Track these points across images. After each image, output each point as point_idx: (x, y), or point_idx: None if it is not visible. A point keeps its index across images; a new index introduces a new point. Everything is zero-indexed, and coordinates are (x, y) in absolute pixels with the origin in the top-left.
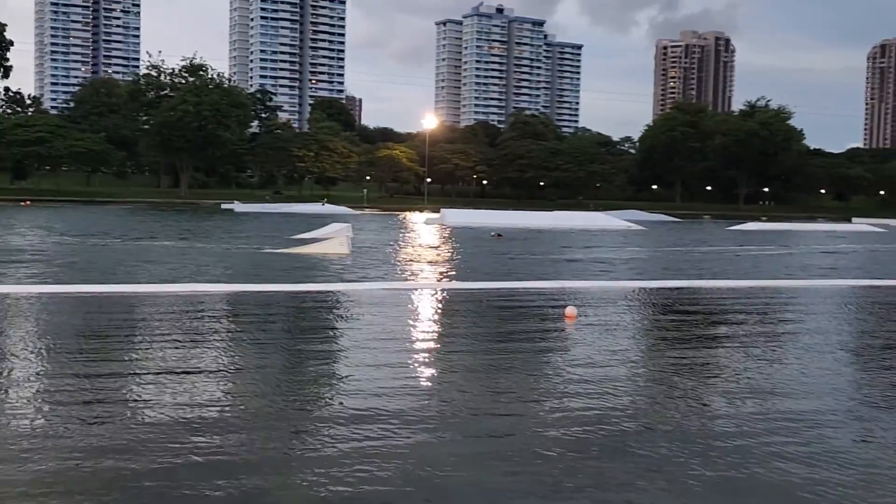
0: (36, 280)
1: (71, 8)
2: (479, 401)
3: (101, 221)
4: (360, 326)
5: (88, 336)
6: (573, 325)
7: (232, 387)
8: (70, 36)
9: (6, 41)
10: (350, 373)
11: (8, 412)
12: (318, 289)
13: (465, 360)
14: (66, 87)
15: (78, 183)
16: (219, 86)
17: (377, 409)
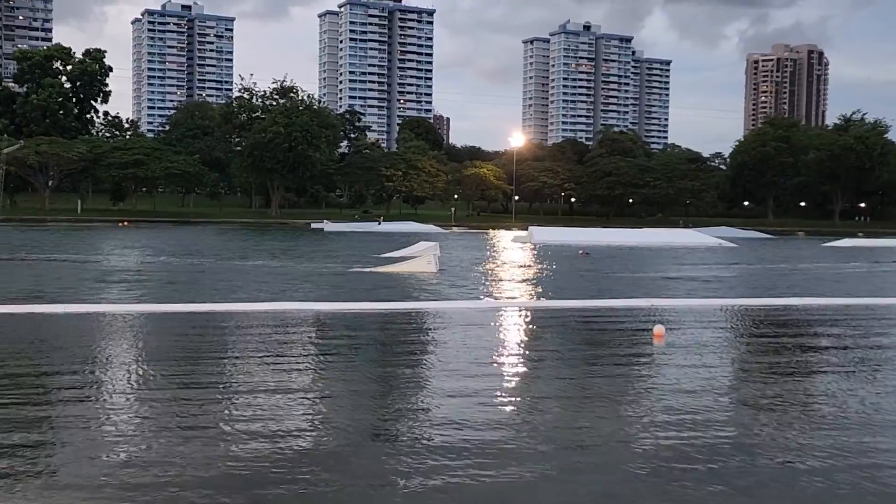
0: (134, 299)
1: (167, 34)
2: (569, 433)
3: (195, 241)
4: (448, 347)
5: (182, 355)
6: (662, 344)
7: (318, 414)
8: (166, 61)
9: (105, 67)
10: (437, 399)
11: (104, 427)
12: (406, 308)
13: (555, 385)
14: (162, 110)
15: (173, 204)
16: (309, 107)
17: (465, 440)
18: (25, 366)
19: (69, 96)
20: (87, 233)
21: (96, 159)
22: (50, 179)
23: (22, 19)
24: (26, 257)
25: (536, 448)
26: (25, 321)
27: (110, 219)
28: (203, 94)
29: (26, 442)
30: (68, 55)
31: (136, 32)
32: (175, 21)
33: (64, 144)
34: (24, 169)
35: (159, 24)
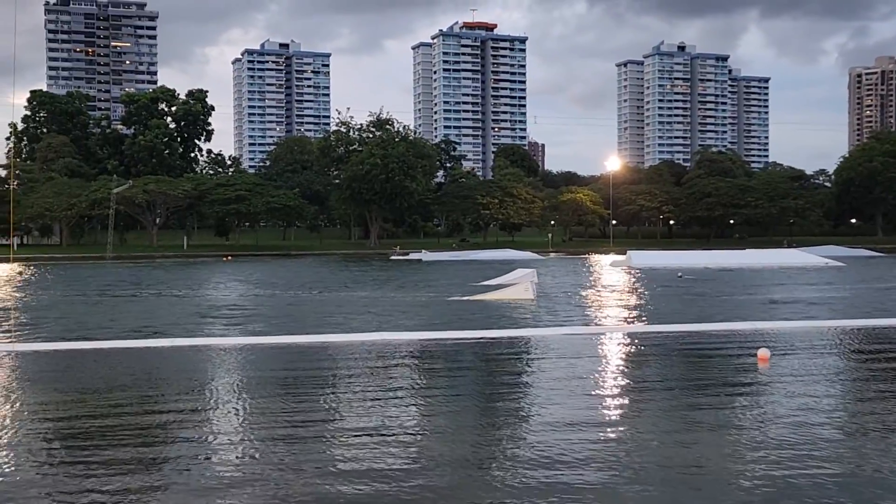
0: (241, 332)
1: (266, 72)
2: (677, 472)
3: (296, 274)
4: (547, 375)
5: (286, 387)
6: (766, 368)
7: (420, 445)
8: (265, 98)
9: (208, 107)
10: (538, 432)
11: (211, 455)
12: (504, 336)
13: (658, 416)
14: (263, 146)
15: (274, 237)
16: (404, 138)
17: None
18: (133, 400)
19: (174, 136)
20: (193, 268)
21: (201, 196)
22: (157, 217)
23: (128, 64)
24: (139, 294)
25: (642, 491)
26: (137, 355)
27: (214, 254)
28: (301, 129)
29: (132, 485)
30: (172, 96)
31: (236, 72)
32: (273, 59)
33: (170, 183)
34: (132, 208)
35: (258, 62)
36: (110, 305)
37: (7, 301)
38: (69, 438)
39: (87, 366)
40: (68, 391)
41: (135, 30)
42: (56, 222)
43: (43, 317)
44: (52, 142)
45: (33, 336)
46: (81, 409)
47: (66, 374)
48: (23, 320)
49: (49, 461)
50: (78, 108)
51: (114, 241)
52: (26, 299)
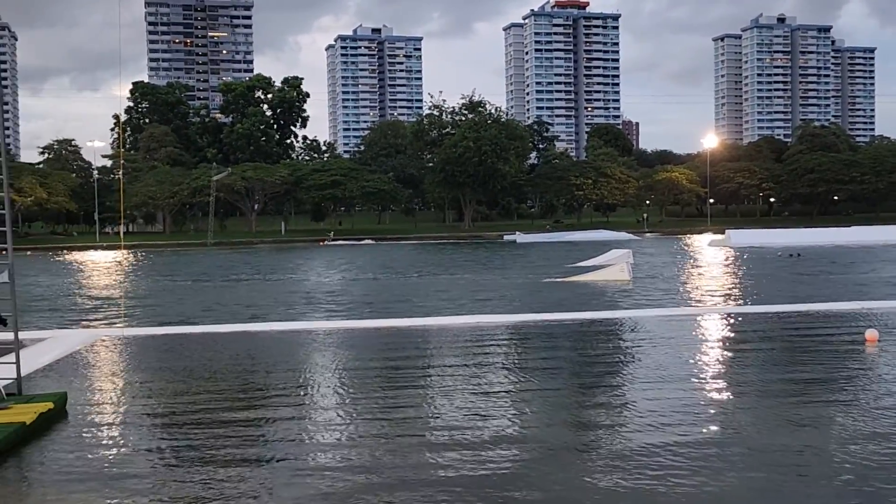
0: (339, 315)
1: (359, 58)
2: (780, 455)
3: (393, 258)
4: (645, 357)
5: (383, 370)
6: (875, 350)
7: (515, 425)
8: (359, 84)
9: (303, 94)
10: (636, 412)
11: (313, 435)
12: (601, 317)
13: (758, 402)
14: (357, 131)
15: (370, 221)
16: (497, 120)
17: (666, 449)
18: (235, 382)
19: (271, 123)
20: (291, 253)
21: (297, 182)
22: (256, 203)
23: (225, 53)
24: (240, 279)
25: (743, 466)
26: (240, 339)
27: (310, 238)
28: (395, 114)
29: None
30: (269, 84)
31: (329, 58)
32: (366, 44)
33: (267, 169)
34: (231, 194)
35: (351, 48)
36: (213, 291)
37: (116, 287)
38: (174, 417)
39: (192, 349)
40: (173, 374)
41: (231, 20)
42: (159, 210)
43: (149, 302)
44: (154, 132)
45: (140, 320)
46: (186, 391)
47: (171, 357)
48: (130, 305)
49: (155, 440)
50: (178, 98)
51: (214, 228)
52: (134, 285)
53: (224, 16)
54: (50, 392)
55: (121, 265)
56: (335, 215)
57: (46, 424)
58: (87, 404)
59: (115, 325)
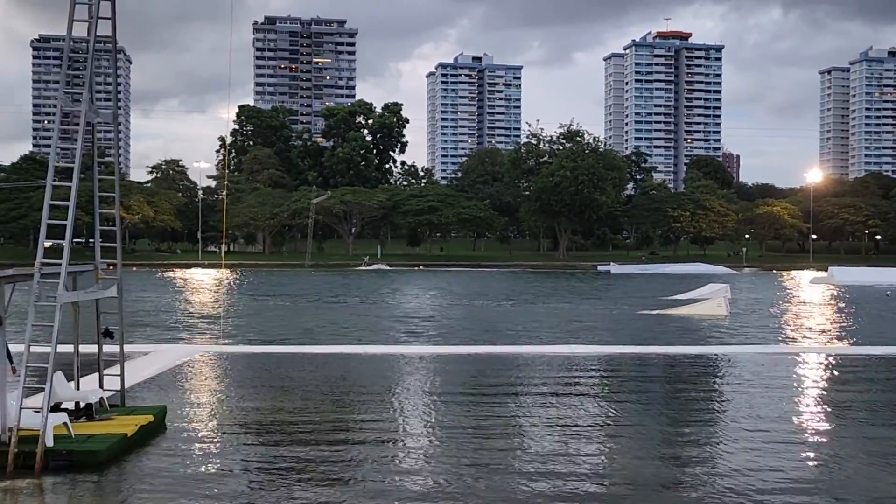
0: (431, 341)
1: (459, 86)
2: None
3: (486, 285)
4: (738, 394)
5: (475, 393)
6: None
7: (602, 456)
8: (458, 111)
9: (402, 120)
10: (725, 451)
11: (400, 455)
12: (695, 352)
13: (861, 443)
14: (455, 158)
15: (464, 248)
16: (594, 150)
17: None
18: (326, 401)
19: (370, 148)
20: (386, 277)
21: (394, 207)
22: (353, 227)
23: (329, 79)
24: (335, 301)
25: None
26: (332, 359)
27: (407, 263)
28: (492, 141)
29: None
30: (369, 110)
31: (430, 85)
32: (466, 72)
33: (365, 194)
34: (330, 217)
35: (452, 75)
36: (309, 312)
37: (216, 304)
38: (267, 436)
39: (287, 368)
40: (268, 392)
41: (335, 46)
42: (259, 231)
43: (247, 321)
44: (258, 154)
45: (239, 338)
46: (279, 409)
47: (267, 375)
48: (230, 323)
49: (247, 457)
50: (281, 121)
51: (312, 250)
52: (233, 304)
53: (329, 42)
54: (150, 405)
55: (221, 283)
56: (431, 240)
57: (147, 436)
58: (184, 418)
59: (214, 341)
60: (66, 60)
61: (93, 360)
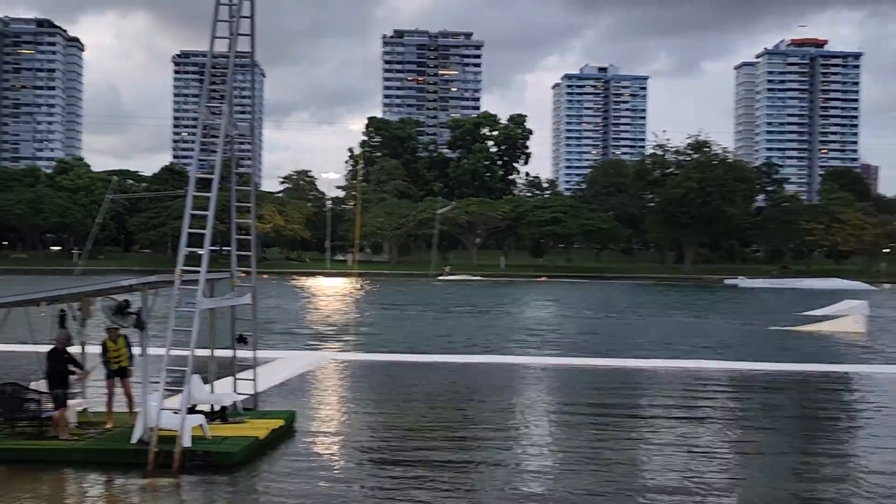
0: (551, 352)
1: (584, 97)
2: None
3: (610, 297)
4: (876, 419)
5: (596, 406)
6: None
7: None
8: (582, 122)
9: (526, 131)
10: (860, 476)
11: (519, 463)
12: (830, 370)
13: None
14: (579, 169)
15: (587, 259)
16: (723, 161)
17: None
18: (453, 414)
19: (495, 159)
20: (509, 287)
21: (518, 218)
22: (477, 237)
23: (455, 91)
24: (457, 311)
25: None
26: (457, 369)
27: (529, 274)
28: (617, 152)
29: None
30: (494, 121)
31: (555, 96)
32: (591, 83)
33: (490, 204)
34: (455, 228)
35: (577, 87)
36: (434, 321)
37: (344, 313)
38: (391, 442)
39: (413, 377)
40: (394, 400)
41: (462, 58)
42: (386, 240)
43: (374, 329)
44: (385, 165)
45: (366, 346)
46: (404, 417)
47: (393, 383)
48: (357, 331)
49: (372, 464)
50: (409, 133)
51: (436, 260)
52: (361, 312)
53: (455, 54)
54: (281, 410)
55: (349, 292)
56: (554, 252)
57: (277, 440)
58: (312, 424)
59: (341, 349)
60: (207, 75)
61: (227, 365)
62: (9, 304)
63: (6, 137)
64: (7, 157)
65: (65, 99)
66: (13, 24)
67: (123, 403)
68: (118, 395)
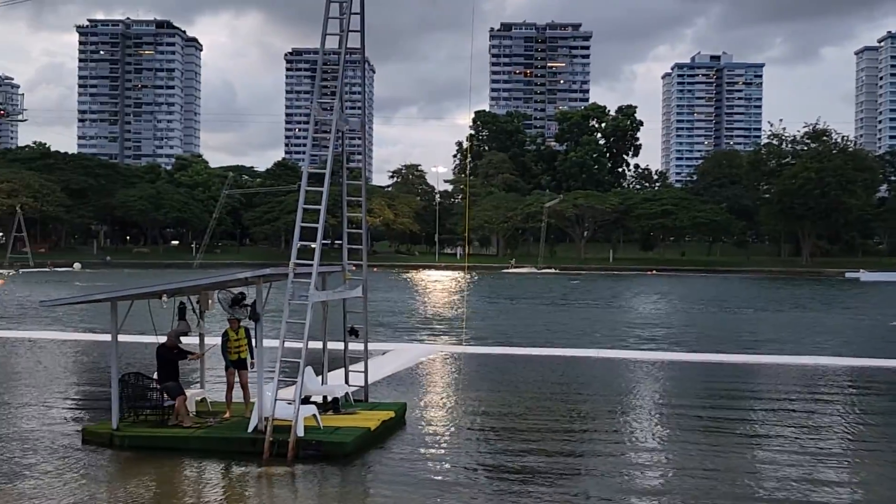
0: (662, 347)
1: (695, 86)
2: None
3: (723, 290)
4: None
5: (706, 401)
6: None
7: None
8: (694, 112)
9: (636, 122)
10: None
11: (632, 472)
12: None
13: None
14: (690, 160)
15: (699, 252)
16: (843, 150)
17: None
18: (562, 407)
19: (603, 152)
20: (618, 281)
21: (627, 210)
22: (585, 230)
23: (563, 83)
24: (568, 304)
25: None
26: (565, 362)
27: (639, 268)
28: (730, 143)
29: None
30: (603, 113)
31: (665, 86)
32: (703, 72)
33: (598, 197)
34: (562, 221)
35: (688, 76)
36: (543, 314)
37: (452, 305)
38: (502, 433)
39: (521, 370)
40: (504, 393)
41: (569, 50)
42: (493, 234)
43: (483, 322)
44: (493, 158)
45: (474, 339)
46: (514, 410)
47: (502, 376)
48: (465, 324)
49: (482, 455)
50: (516, 126)
51: (544, 253)
52: (469, 304)
53: (563, 46)
54: (391, 401)
55: (458, 285)
56: (664, 245)
57: (387, 431)
58: (422, 415)
59: (450, 341)
60: (319, 72)
61: (339, 357)
62: (133, 296)
63: (129, 136)
64: (129, 154)
65: (183, 97)
66: (135, 27)
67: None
68: (236, 386)
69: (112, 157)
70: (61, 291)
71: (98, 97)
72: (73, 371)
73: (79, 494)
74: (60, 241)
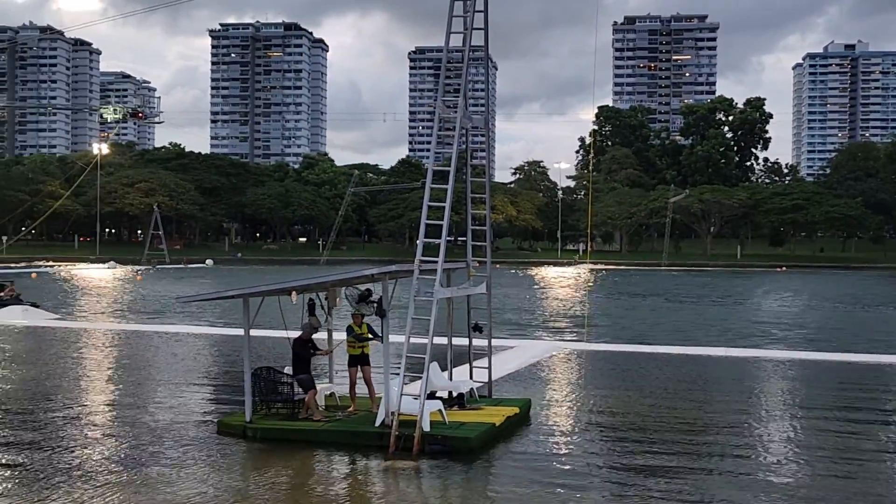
0: (792, 345)
1: (828, 77)
2: None
3: (859, 288)
4: None
5: (839, 406)
6: None
7: None
8: (827, 104)
9: (765, 115)
10: None
11: (760, 473)
12: None
13: None
14: (822, 154)
15: (833, 248)
16: None
17: None
18: (687, 406)
19: (731, 145)
20: (747, 278)
21: (756, 205)
22: (711, 226)
23: (688, 76)
24: (698, 301)
25: None
26: (691, 361)
27: (768, 264)
28: (866, 135)
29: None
30: (730, 106)
31: (796, 77)
32: (837, 62)
33: (725, 192)
34: (687, 216)
35: (821, 66)
36: (668, 311)
37: (576, 302)
38: (627, 432)
39: (647, 368)
40: (628, 390)
41: (695, 42)
42: (616, 230)
43: (607, 319)
44: (616, 154)
45: (598, 336)
46: (638, 408)
47: (627, 374)
48: (589, 321)
49: (605, 454)
50: (640, 121)
51: (669, 249)
52: (593, 301)
53: (689, 38)
54: (516, 398)
55: (581, 281)
56: (795, 241)
57: (512, 427)
58: (546, 412)
59: (574, 338)
60: (443, 70)
61: (463, 353)
62: (264, 292)
63: (258, 136)
64: (259, 153)
65: (310, 98)
66: (264, 29)
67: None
68: (360, 382)
69: (242, 156)
70: (195, 287)
71: (229, 98)
72: (206, 364)
73: (212, 481)
74: (194, 238)
